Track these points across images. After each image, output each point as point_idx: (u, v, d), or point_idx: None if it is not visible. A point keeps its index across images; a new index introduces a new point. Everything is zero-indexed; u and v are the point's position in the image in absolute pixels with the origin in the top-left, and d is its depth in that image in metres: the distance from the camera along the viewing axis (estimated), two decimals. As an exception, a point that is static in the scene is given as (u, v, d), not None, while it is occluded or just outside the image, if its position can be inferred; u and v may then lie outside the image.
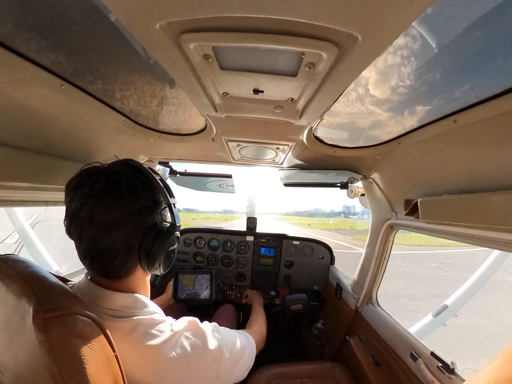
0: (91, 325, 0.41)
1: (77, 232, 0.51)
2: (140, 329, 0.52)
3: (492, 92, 0.53)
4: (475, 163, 0.72)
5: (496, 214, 0.64)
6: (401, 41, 0.49)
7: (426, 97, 0.65)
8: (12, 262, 0.46)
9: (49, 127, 0.78)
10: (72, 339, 0.38)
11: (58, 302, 0.40)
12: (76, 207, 0.50)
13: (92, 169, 0.54)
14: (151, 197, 0.58)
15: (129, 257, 0.55)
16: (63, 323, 0.38)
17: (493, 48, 0.45)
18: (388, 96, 0.68)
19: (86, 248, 0.52)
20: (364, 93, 0.68)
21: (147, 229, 0.56)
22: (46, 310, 0.37)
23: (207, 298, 1.51)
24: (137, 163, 0.60)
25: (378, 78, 0.61)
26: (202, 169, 1.73)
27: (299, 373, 1.34)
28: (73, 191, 0.52)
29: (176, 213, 0.63)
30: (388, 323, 1.25)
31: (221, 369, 0.60)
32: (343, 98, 0.70)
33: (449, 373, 0.85)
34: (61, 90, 0.64)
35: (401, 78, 0.59)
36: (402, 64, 0.55)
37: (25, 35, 0.49)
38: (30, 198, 0.88)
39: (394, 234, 1.37)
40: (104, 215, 0.49)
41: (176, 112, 0.94)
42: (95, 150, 1.03)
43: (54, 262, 2.92)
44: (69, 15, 0.47)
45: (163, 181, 0.62)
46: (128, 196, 0.52)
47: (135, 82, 0.72)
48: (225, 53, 0.49)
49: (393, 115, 0.77)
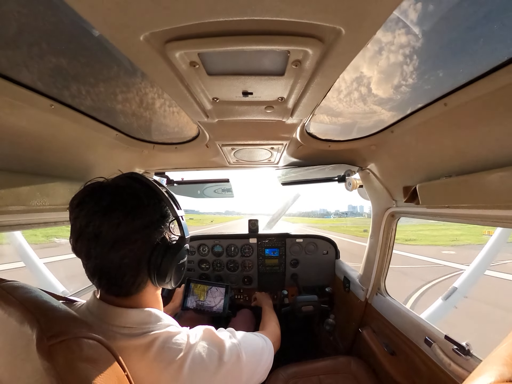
0: (98, 347, 0.40)
1: (84, 249, 0.50)
2: (157, 345, 0.51)
3: (479, 71, 0.54)
4: (469, 144, 0.73)
5: (494, 192, 0.65)
6: (385, 29, 0.49)
7: (414, 82, 0.65)
8: (12, 289, 0.45)
9: (42, 148, 0.78)
10: (79, 364, 0.37)
11: (62, 327, 0.38)
12: (82, 224, 0.49)
13: (96, 185, 0.53)
14: (158, 210, 0.57)
15: (139, 273, 0.54)
16: (68, 348, 0.37)
17: (476, 27, 0.46)
18: (376, 86, 0.68)
19: (94, 265, 0.51)
20: (353, 85, 0.68)
21: (156, 243, 0.55)
22: (50, 337, 0.36)
23: (220, 312, 1.45)
24: (142, 176, 0.58)
25: (366, 68, 0.61)
26: (199, 176, 1.73)
27: (315, 370, 1.34)
28: (78, 208, 0.50)
29: (185, 225, 0.62)
30: (399, 311, 1.25)
31: (242, 375, 0.59)
32: (331, 93, 0.71)
33: (465, 355, 0.85)
34: (51, 110, 0.64)
35: (389, 65, 0.60)
36: (389, 51, 0.55)
37: (10, 57, 0.49)
38: (28, 221, 0.88)
39: (396, 222, 1.37)
40: (112, 232, 0.48)
41: (168, 121, 0.94)
42: (90, 167, 1.03)
43: (59, 282, 2.89)
44: (53, 34, 0.47)
45: (169, 193, 0.61)
46: (135, 211, 0.51)
47: (125, 95, 0.72)
48: (211, 58, 0.49)
49: (383, 104, 0.78)
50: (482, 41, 0.48)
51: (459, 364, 0.86)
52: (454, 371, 0.86)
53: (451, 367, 0.87)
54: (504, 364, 0.29)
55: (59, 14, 0.43)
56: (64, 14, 0.43)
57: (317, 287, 2.02)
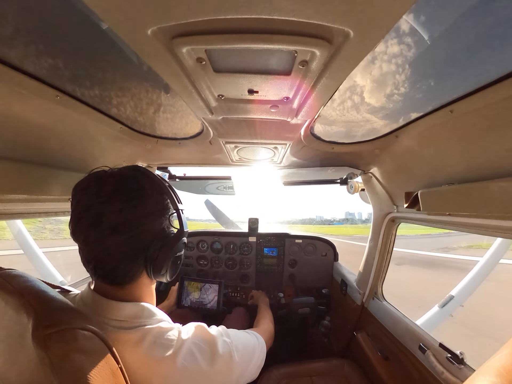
0: (93, 339, 0.40)
1: (83, 234, 0.50)
2: (148, 339, 0.51)
3: (487, 80, 0.53)
4: (473, 152, 0.72)
5: (496, 202, 0.64)
6: (394, 34, 0.49)
7: (421, 88, 0.65)
8: (11, 277, 0.45)
9: (46, 138, 0.78)
10: (74, 355, 0.37)
11: (58, 317, 0.39)
12: (83, 208, 0.49)
13: (101, 173, 0.54)
14: (160, 202, 0.58)
15: (135, 262, 0.54)
16: (63, 338, 0.37)
17: (485, 36, 0.45)
18: (383, 91, 0.68)
19: (92, 251, 0.51)
20: (359, 88, 0.68)
21: (155, 234, 0.56)
22: (45, 326, 0.36)
23: (214, 308, 1.47)
24: (146, 169, 0.60)
25: (372, 73, 0.61)
26: (201, 173, 1.73)
27: (308, 372, 1.34)
28: (81, 192, 0.51)
29: (184, 219, 0.63)
30: (395, 316, 1.25)
31: (233, 373, 0.60)
32: (338, 95, 0.70)
33: (458, 364, 0.85)
34: (57, 100, 0.64)
35: (397, 71, 0.59)
36: (397, 56, 0.55)
37: (18, 47, 0.49)
38: (29, 210, 0.88)
39: (396, 227, 1.36)
40: (113, 218, 0.49)
41: (172, 116, 0.94)
42: (92, 159, 1.03)
43: (57, 272, 2.91)
44: (61, 25, 0.47)
45: (171, 187, 0.62)
46: (138, 199, 0.52)
47: (130, 88, 0.72)
48: (218, 55, 0.49)
49: (389, 108, 0.77)
50: (491, 49, 0.47)
51: (452, 373, 0.86)
52: (447, 379, 0.86)
53: (444, 375, 0.87)
54: (497, 375, 0.29)
55: (68, 5, 0.43)
56: (73, 6, 0.43)
57: (314, 289, 2.02)
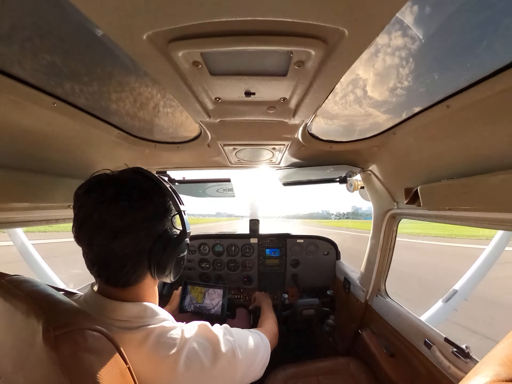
0: (102, 339, 0.41)
1: (87, 238, 0.51)
2: (152, 339, 0.51)
3: (481, 74, 0.53)
4: (471, 146, 0.72)
5: (496, 195, 0.65)
6: (388, 32, 0.49)
7: (417, 84, 0.65)
8: (19, 283, 0.47)
9: (45, 146, 0.78)
10: (83, 354, 0.38)
11: (67, 319, 0.39)
12: (87, 212, 0.50)
13: (103, 176, 0.54)
14: (162, 204, 0.58)
15: (139, 263, 0.55)
16: (73, 339, 0.38)
17: (480, 29, 0.46)
18: (378, 88, 0.68)
19: (96, 254, 0.52)
20: (356, 85, 0.68)
21: (158, 235, 0.56)
22: (55, 327, 0.37)
23: (218, 314, 1.43)
24: (147, 172, 0.60)
25: (369, 70, 0.61)
26: (201, 176, 1.73)
27: (315, 371, 1.34)
28: (83, 196, 0.51)
29: (186, 220, 0.63)
30: (399, 313, 1.25)
31: (237, 372, 0.60)
32: (334, 93, 0.70)
33: (464, 358, 0.85)
34: (53, 108, 0.64)
35: (391, 67, 0.59)
36: (390, 53, 0.55)
37: (13, 55, 0.49)
38: (30, 218, 0.88)
39: (397, 224, 1.37)
40: (116, 221, 0.49)
41: (170, 120, 0.94)
42: (91, 165, 1.03)
43: (59, 279, 2.90)
44: (57, 32, 0.47)
45: (173, 188, 0.63)
46: (140, 202, 0.52)
47: (127, 94, 0.72)
48: (214, 58, 0.49)
49: (385, 105, 0.78)
50: (485, 43, 0.48)
51: (458, 367, 0.86)
52: (453, 374, 0.86)
53: (450, 369, 0.87)
54: (500, 364, 0.29)
55: (63, 12, 0.43)
56: (68, 13, 0.43)
57: (318, 288, 2.02)
